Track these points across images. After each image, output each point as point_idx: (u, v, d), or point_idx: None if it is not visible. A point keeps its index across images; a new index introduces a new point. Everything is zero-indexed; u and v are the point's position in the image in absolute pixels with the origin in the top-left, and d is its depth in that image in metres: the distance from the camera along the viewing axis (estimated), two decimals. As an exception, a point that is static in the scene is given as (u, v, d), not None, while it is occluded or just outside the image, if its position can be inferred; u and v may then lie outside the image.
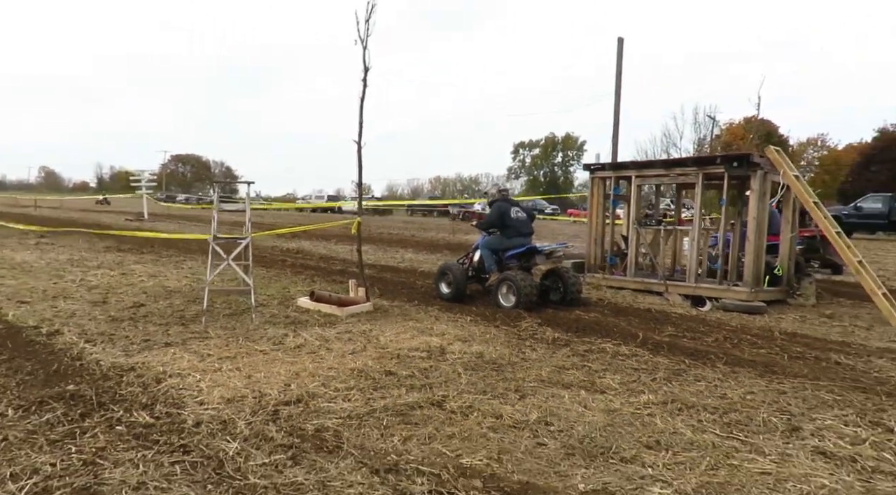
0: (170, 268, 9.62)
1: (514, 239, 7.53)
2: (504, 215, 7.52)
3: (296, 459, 2.94)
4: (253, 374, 4.26)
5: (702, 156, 9.15)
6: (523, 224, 7.64)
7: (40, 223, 18.25)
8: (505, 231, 7.56)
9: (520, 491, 2.69)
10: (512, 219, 7.53)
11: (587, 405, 3.84)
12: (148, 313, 6.19)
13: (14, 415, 3.36)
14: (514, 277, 6.98)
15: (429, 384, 4.19)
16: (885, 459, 3.12)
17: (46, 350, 4.75)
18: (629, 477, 2.85)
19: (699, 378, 4.49)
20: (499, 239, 7.63)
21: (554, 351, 5.21)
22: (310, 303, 6.78)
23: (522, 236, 7.59)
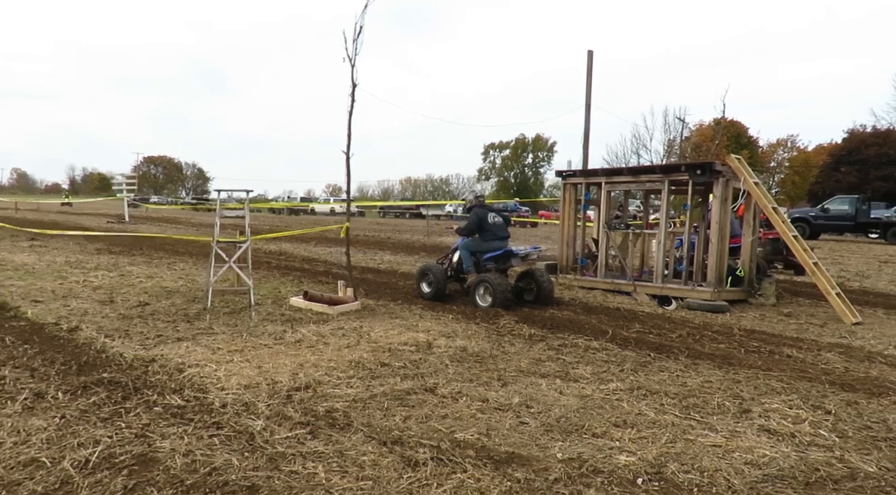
0: (163, 269, 9.94)
1: (492, 242, 8.06)
2: (482, 220, 8.04)
3: (314, 433, 3.40)
4: (262, 365, 4.69)
5: (668, 165, 9.75)
6: (500, 228, 8.18)
7: (26, 226, 18.26)
8: (483, 234, 8.06)
9: (507, 460, 3.18)
10: (489, 224, 8.07)
11: (562, 391, 4.36)
12: (154, 311, 6.56)
13: (64, 398, 3.76)
14: (491, 279, 7.50)
15: (420, 373, 4.67)
16: (819, 435, 3.68)
17: (71, 344, 5.12)
18: (600, 448, 3.36)
19: (663, 369, 5.04)
20: (477, 242, 8.12)
21: (531, 345, 5.73)
22: (302, 302, 7.20)
23: (499, 240, 8.12)
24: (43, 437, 3.19)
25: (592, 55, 20.46)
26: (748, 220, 8.92)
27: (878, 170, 40.81)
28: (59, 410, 3.58)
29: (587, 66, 20.39)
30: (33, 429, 3.28)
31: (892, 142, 42.46)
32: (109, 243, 13.82)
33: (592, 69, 20.49)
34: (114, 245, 13.52)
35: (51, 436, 3.21)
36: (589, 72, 20.47)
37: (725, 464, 3.18)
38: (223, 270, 6.54)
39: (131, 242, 14.15)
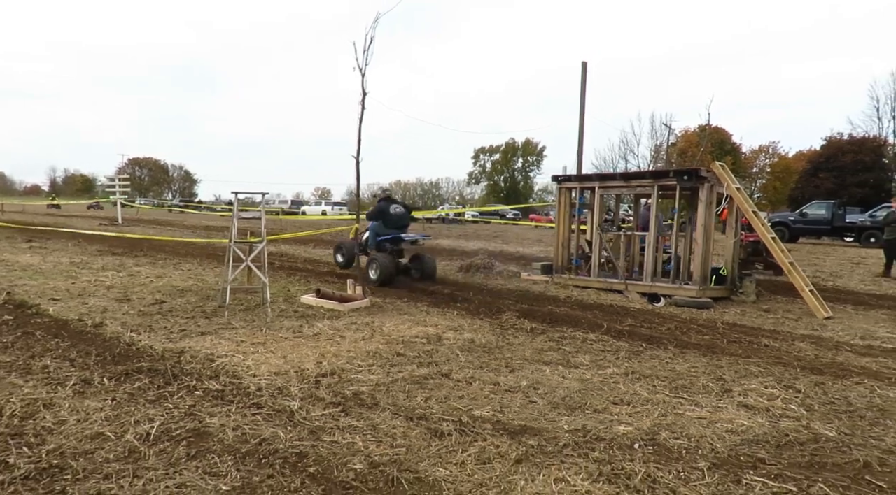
0: (170, 269, 10.23)
1: (390, 228, 9.75)
2: (383, 211, 9.73)
3: (346, 411, 3.79)
4: (287, 355, 5.06)
5: (657, 171, 10.24)
6: (400, 218, 9.83)
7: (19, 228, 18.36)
8: (385, 221, 9.71)
9: (520, 431, 3.59)
10: (390, 214, 9.72)
11: (565, 376, 4.78)
12: (171, 309, 6.88)
13: (109, 384, 4.10)
14: (380, 258, 9.18)
15: (434, 362, 5.07)
16: (790, 409, 4.14)
17: (100, 338, 5.44)
18: (601, 421, 3.79)
19: (654, 357, 5.49)
20: (380, 226, 9.79)
21: (533, 337, 6.15)
22: (313, 299, 7.57)
23: (397, 228, 9.79)
24: (101, 416, 3.54)
25: (586, 66, 21.03)
26: (730, 223, 9.43)
27: (854, 176, 42.11)
28: (108, 394, 3.93)
29: (581, 77, 20.97)
30: (91, 409, 3.63)
31: (868, 150, 43.85)
32: (109, 245, 14.05)
33: (587, 80, 21.08)
34: (114, 246, 13.75)
35: (108, 415, 3.56)
36: (583, 82, 21.04)
37: (709, 432, 3.62)
38: (240, 269, 6.88)
39: (131, 244, 14.38)
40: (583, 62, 20.97)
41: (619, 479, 2.96)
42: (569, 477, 2.96)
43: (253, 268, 6.79)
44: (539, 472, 3.01)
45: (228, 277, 6.68)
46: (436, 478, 2.92)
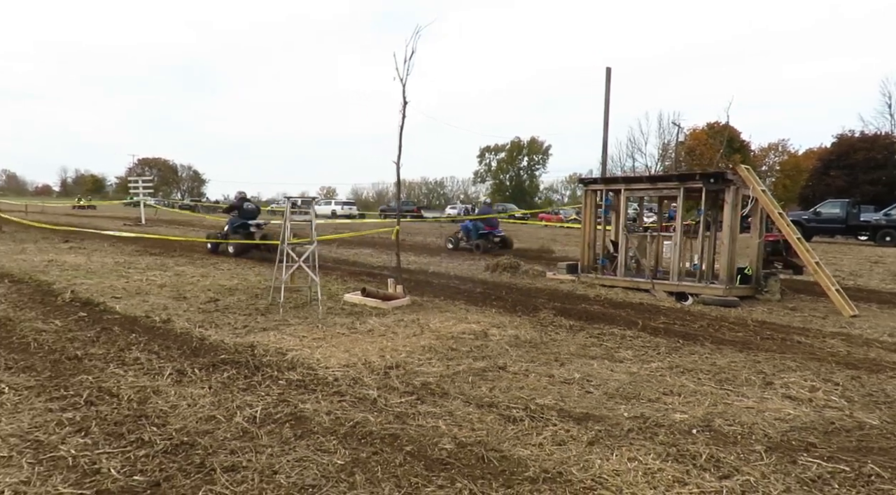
0: (211, 269, 10.63)
1: (241, 219, 13.34)
2: (238, 207, 13.56)
3: (421, 399, 4.13)
4: (350, 349, 5.42)
5: (683, 173, 10.54)
6: (251, 212, 13.57)
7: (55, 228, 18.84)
8: (240, 214, 13.39)
9: (584, 418, 3.92)
10: (244, 209, 13.46)
11: (613, 370, 5.11)
12: (227, 306, 7.26)
13: (201, 374, 4.47)
14: (236, 238, 13.05)
15: (487, 356, 5.42)
16: (831, 400, 4.46)
17: (171, 333, 5.82)
18: (657, 409, 4.12)
19: (693, 352, 5.81)
20: (237, 218, 13.43)
21: (574, 334, 6.48)
22: (357, 298, 7.92)
23: (248, 218, 13.41)
24: (207, 401, 3.91)
25: (610, 72, 21.34)
26: (755, 224, 9.73)
27: (867, 174, 41.99)
28: (203, 383, 4.30)
29: (605, 82, 21.29)
30: (196, 396, 4.00)
31: (880, 147, 43.70)
32: (144, 245, 14.48)
33: (610, 85, 21.39)
34: (149, 247, 14.18)
35: (213, 401, 3.92)
36: (607, 88, 21.35)
37: (760, 420, 3.95)
38: (293, 269, 7.24)
39: (163, 244, 14.80)
40: (607, 68, 21.34)
41: (685, 459, 3.29)
42: (640, 456, 3.30)
43: (306, 268, 7.15)
44: (612, 453, 3.35)
45: (283, 277, 7.05)
46: (520, 457, 3.26)
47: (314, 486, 2.84)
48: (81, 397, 3.90)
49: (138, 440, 3.27)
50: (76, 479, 2.83)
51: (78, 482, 2.80)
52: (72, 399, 3.88)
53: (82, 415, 3.60)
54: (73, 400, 3.85)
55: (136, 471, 2.93)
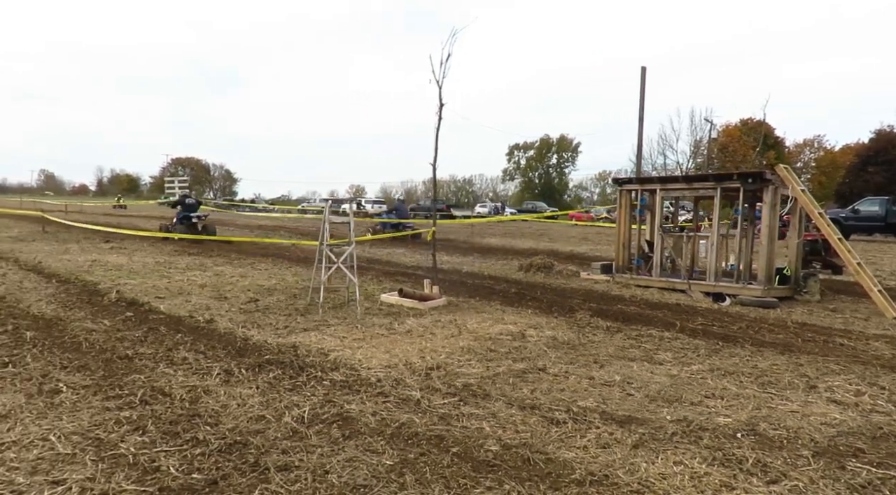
0: (249, 269, 10.85)
1: (187, 211, 16.67)
2: (182, 202, 17.00)
3: (464, 401, 4.18)
4: (390, 350, 5.50)
5: (720, 173, 10.38)
6: (192, 206, 16.94)
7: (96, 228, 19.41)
8: (184, 208, 16.76)
9: (627, 420, 3.92)
10: (186, 204, 16.87)
11: (653, 372, 5.09)
12: (267, 306, 7.42)
13: (248, 374, 4.59)
14: (179, 227, 16.41)
15: (526, 357, 5.44)
16: (878, 405, 4.37)
17: (215, 333, 5.98)
18: (700, 412, 4.10)
19: (733, 354, 5.74)
20: (181, 211, 16.74)
21: (611, 335, 6.46)
22: (394, 298, 8.01)
23: (190, 210, 16.76)
24: (256, 402, 4.02)
25: (645, 71, 21.14)
26: (794, 224, 9.55)
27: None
28: (251, 383, 4.42)
29: (640, 81, 21.10)
30: (245, 396, 4.11)
31: (921, 143, 42.26)
32: (182, 245, 14.83)
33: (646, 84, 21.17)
34: (188, 247, 14.52)
35: (261, 401, 4.03)
36: (642, 86, 21.16)
37: (806, 424, 3.90)
38: (332, 270, 7.37)
39: (200, 244, 15.14)
40: (642, 67, 21.13)
41: (732, 463, 3.27)
42: (686, 460, 3.29)
43: (345, 269, 7.27)
44: (657, 456, 3.35)
45: (322, 278, 7.17)
46: (565, 459, 3.29)
47: (366, 486, 2.91)
48: (136, 396, 4.05)
49: (193, 439, 3.38)
50: (138, 477, 2.95)
51: (140, 479, 2.92)
52: (127, 398, 4.03)
53: (138, 414, 3.74)
54: (128, 399, 4.00)
55: (194, 470, 3.04)
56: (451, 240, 20.88)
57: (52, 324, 6.16)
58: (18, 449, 3.20)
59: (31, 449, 3.20)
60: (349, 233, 7.48)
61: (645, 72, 21.09)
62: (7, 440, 3.31)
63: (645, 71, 21.10)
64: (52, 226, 20.60)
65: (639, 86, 21.29)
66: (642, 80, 21.16)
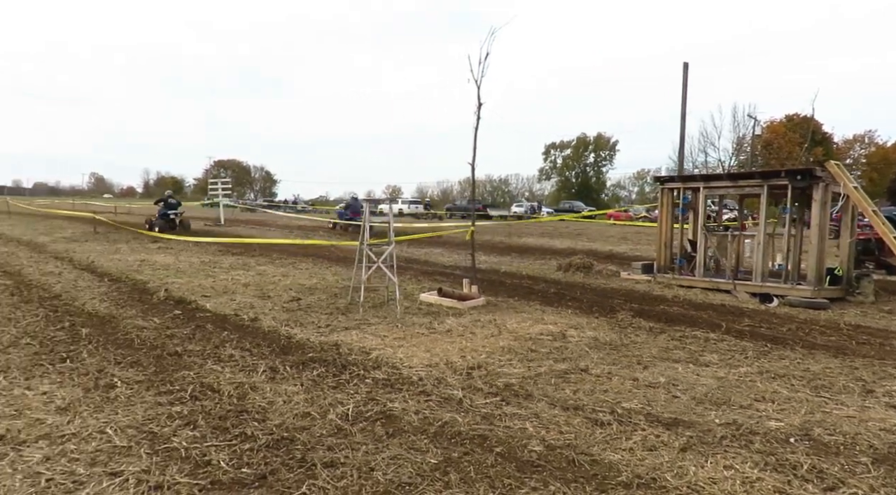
0: (290, 269, 11.04)
1: (167, 208, 20.11)
2: (165, 201, 20.42)
3: (506, 401, 4.17)
4: (430, 349, 5.52)
5: (767, 171, 10.06)
6: (173, 205, 20.42)
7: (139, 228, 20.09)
8: (165, 205, 20.22)
9: (673, 423, 3.85)
10: (167, 203, 20.28)
11: (699, 374, 4.97)
12: (309, 305, 7.53)
13: (293, 371, 4.68)
14: (160, 222, 19.62)
15: (567, 357, 5.38)
16: (940, 411, 4.18)
17: (260, 331, 6.10)
18: (750, 416, 3.98)
19: (783, 357, 5.57)
20: (163, 208, 20.19)
21: (655, 336, 6.34)
22: (433, 297, 8.04)
23: (170, 208, 20.29)
24: (301, 399, 4.08)
25: (687, 67, 20.72)
26: (846, 222, 9.20)
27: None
28: (295, 380, 4.49)
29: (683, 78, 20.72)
30: (290, 393, 4.19)
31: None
32: (226, 245, 15.19)
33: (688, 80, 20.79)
34: (231, 247, 14.87)
35: (306, 398, 4.10)
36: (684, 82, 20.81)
37: (863, 430, 3.75)
38: (372, 270, 7.44)
39: (245, 245, 15.48)
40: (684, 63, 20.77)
41: (785, 469, 3.17)
42: (736, 465, 3.21)
43: (384, 268, 7.33)
44: (706, 460, 3.27)
45: (363, 277, 7.25)
46: (611, 461, 3.24)
47: (410, 484, 2.93)
48: (186, 392, 4.16)
49: (242, 434, 3.46)
50: (190, 470, 3.03)
51: (192, 473, 3.00)
52: (177, 393, 4.15)
53: (189, 409, 3.84)
54: (178, 395, 4.11)
55: (244, 464, 3.11)
56: (487, 240, 20.83)
57: (105, 322, 6.39)
58: (78, 440, 3.33)
59: (90, 442, 3.33)
60: (388, 233, 7.52)
61: (687, 68, 20.67)
62: (67, 432, 3.45)
63: (687, 67, 20.67)
64: (103, 226, 21.38)
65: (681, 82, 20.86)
66: (684, 77, 20.74)
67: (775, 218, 10.90)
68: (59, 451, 3.20)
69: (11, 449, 3.21)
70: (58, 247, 14.34)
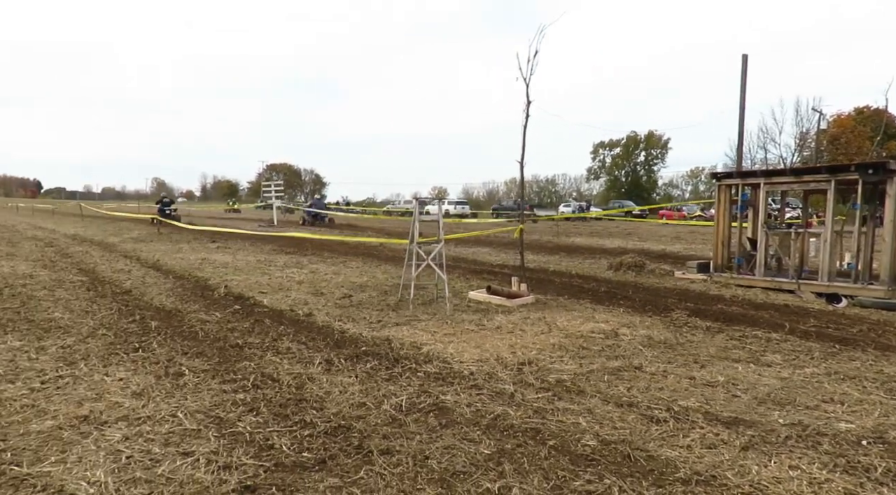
0: (341, 267, 11.27)
1: (163, 206, 26.97)
2: (161, 201, 27.66)
3: (557, 396, 4.14)
4: (480, 345, 5.53)
5: (835, 165, 9.59)
6: (167, 203, 27.64)
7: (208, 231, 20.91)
8: (161, 204, 27.00)
9: (733, 422, 3.74)
10: (164, 202, 27.62)
11: (760, 374, 4.81)
12: (360, 302, 7.68)
13: (347, 364, 4.79)
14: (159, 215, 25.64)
15: (620, 355, 5.30)
16: None
17: (314, 326, 6.26)
18: (817, 417, 3.83)
19: (853, 358, 5.32)
20: (161, 206, 26.95)
21: (712, 336, 6.16)
22: (482, 295, 8.05)
23: (165, 206, 27.16)
24: (356, 389, 4.18)
25: (747, 59, 20.08)
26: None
27: None
28: (350, 372, 4.59)
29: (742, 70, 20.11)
30: (345, 384, 4.29)
31: None
32: (280, 245, 15.64)
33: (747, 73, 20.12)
34: (284, 246, 15.30)
35: (361, 389, 4.19)
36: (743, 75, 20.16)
37: (944, 435, 3.54)
38: (421, 267, 7.52)
39: (297, 243, 15.90)
40: (743, 55, 20.04)
41: (857, 471, 3.04)
42: (802, 465, 3.09)
43: (434, 266, 7.39)
44: (769, 460, 3.16)
45: (413, 275, 7.34)
46: (668, 458, 3.18)
47: (465, 473, 2.96)
48: (248, 381, 4.32)
49: (301, 421, 3.57)
50: (255, 453, 3.15)
51: (257, 455, 3.12)
52: (240, 382, 4.31)
53: (251, 397, 3.99)
54: (241, 383, 4.27)
55: (304, 449, 3.20)
56: (535, 239, 20.68)
57: (171, 315, 6.68)
58: (153, 423, 3.51)
59: (164, 424, 3.50)
60: (438, 232, 7.57)
61: (746, 60, 19.93)
62: (143, 415, 3.64)
63: (746, 59, 19.93)
64: (166, 227, 22.34)
65: (743, 75, 20.14)
66: (743, 68, 20.01)
67: (843, 215, 10.41)
68: (137, 432, 3.38)
69: (95, 429, 3.42)
70: (126, 247, 15.09)
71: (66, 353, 5.04)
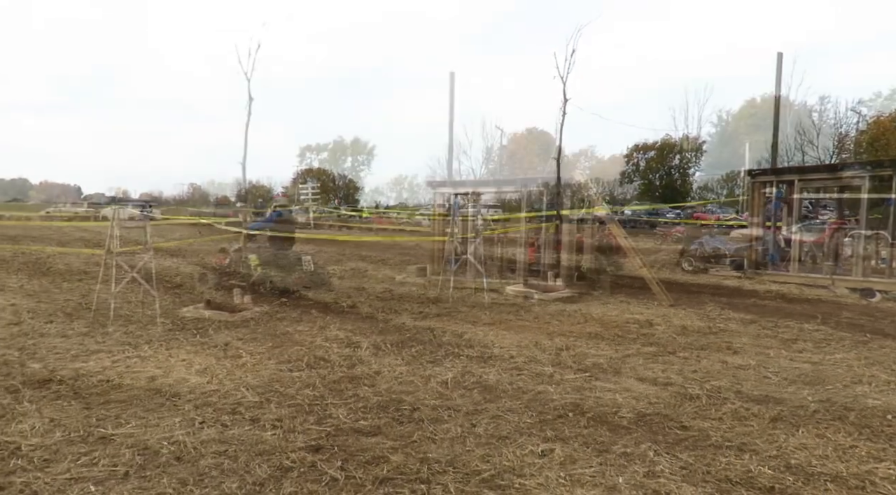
0: (380, 265, 11.63)
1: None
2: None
3: (595, 377, 4.37)
4: (519, 333, 5.78)
5: (872, 161, 9.62)
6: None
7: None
8: None
9: (763, 400, 3.91)
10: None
11: (792, 359, 4.95)
12: (400, 295, 7.99)
13: (392, 348, 5.09)
14: None
15: (655, 343, 5.49)
16: None
17: (359, 316, 6.60)
18: (845, 395, 3.98)
19: (884, 346, 5.41)
20: None
21: (745, 326, 6.29)
22: (519, 288, 8.29)
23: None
24: (403, 370, 4.47)
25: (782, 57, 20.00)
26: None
27: None
28: (396, 355, 4.89)
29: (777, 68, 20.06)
30: (393, 365, 4.59)
31: None
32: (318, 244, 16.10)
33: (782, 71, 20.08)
34: (323, 245, 15.76)
35: (408, 370, 4.48)
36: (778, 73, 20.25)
37: (971, 413, 3.67)
38: (459, 263, 7.82)
39: (334, 241, 16.35)
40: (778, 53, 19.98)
41: (880, 439, 3.21)
42: (829, 434, 3.27)
43: (472, 260, 7.68)
44: (797, 430, 3.35)
45: (452, 269, 7.63)
46: (701, 428, 3.39)
47: (509, 438, 3.22)
48: (302, 361, 4.65)
49: (355, 395, 3.87)
50: (316, 420, 3.46)
51: (319, 422, 3.43)
52: (295, 363, 4.64)
53: (307, 375, 4.31)
54: (296, 364, 4.61)
55: (360, 418, 3.50)
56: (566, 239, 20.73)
57: (221, 307, 7.09)
58: (219, 396, 3.86)
59: (229, 397, 3.84)
60: (476, 229, 7.85)
61: (781, 58, 19.81)
62: (209, 389, 3.99)
63: (781, 57, 19.82)
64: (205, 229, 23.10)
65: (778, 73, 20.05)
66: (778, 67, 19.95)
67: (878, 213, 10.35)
68: (205, 402, 3.73)
69: (167, 400, 3.78)
70: (170, 246, 15.73)
71: (130, 338, 5.44)
